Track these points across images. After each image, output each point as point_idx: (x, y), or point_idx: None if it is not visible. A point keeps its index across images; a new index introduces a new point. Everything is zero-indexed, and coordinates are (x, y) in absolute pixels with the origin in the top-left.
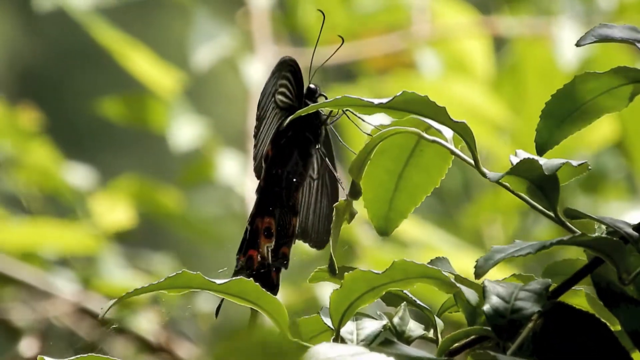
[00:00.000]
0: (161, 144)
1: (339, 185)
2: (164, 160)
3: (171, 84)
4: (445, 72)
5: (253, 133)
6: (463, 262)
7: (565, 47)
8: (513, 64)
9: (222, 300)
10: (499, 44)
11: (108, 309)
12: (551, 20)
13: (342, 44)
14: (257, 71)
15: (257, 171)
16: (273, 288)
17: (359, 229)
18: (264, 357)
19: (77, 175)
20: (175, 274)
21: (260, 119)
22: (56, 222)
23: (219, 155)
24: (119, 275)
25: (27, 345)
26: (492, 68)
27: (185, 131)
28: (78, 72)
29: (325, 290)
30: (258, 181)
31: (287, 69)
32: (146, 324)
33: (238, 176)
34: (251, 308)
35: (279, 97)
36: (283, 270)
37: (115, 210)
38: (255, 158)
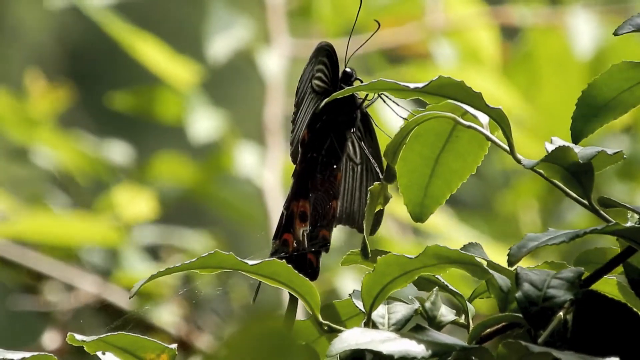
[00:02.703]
0: (178, 137)
1: (378, 170)
2: (184, 152)
3: (188, 77)
4: (459, 62)
5: (291, 119)
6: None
7: (581, 37)
8: (526, 54)
9: (260, 284)
10: (513, 33)
11: (138, 289)
12: (565, 10)
13: (378, 29)
14: (273, 63)
15: (294, 156)
16: (312, 272)
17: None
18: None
19: (114, 154)
20: (207, 254)
21: (298, 104)
22: (79, 213)
23: (236, 148)
24: (142, 267)
25: (50, 339)
26: (507, 58)
27: (203, 124)
28: (120, 56)
29: (346, 282)
30: (294, 165)
31: (323, 54)
32: (168, 316)
33: (256, 168)
34: (289, 297)
35: (315, 81)
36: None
37: (138, 201)
38: (292, 143)
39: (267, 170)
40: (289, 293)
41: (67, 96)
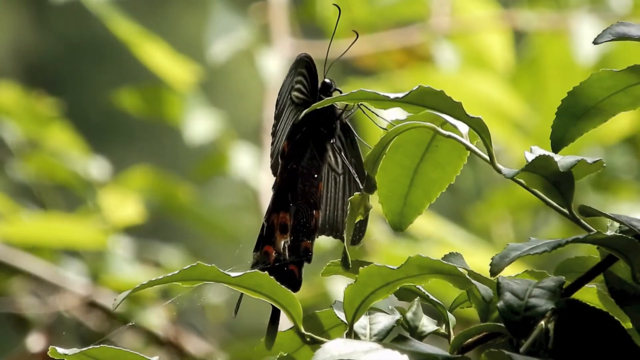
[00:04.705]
0: (175, 138)
1: (358, 179)
2: (178, 153)
3: (187, 77)
4: (464, 65)
5: (271, 131)
6: (476, 259)
7: (584, 43)
8: (532, 59)
9: (241, 297)
10: (518, 38)
11: (121, 301)
12: (570, 15)
13: (356, 39)
14: (273, 64)
15: (274, 168)
16: (295, 284)
17: (372, 224)
18: None
19: (91, 167)
20: (189, 266)
21: (277, 116)
22: (66, 216)
23: (233, 149)
24: (128, 270)
25: (35, 341)
26: (511, 62)
27: (200, 124)
28: (87, 66)
29: (338, 286)
30: (274, 177)
31: (302, 66)
32: (155, 319)
33: (252, 170)
34: (272, 309)
35: (295, 93)
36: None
37: (125, 205)
38: (272, 155)
39: (263, 172)
40: (272, 305)
41: (50, 107)
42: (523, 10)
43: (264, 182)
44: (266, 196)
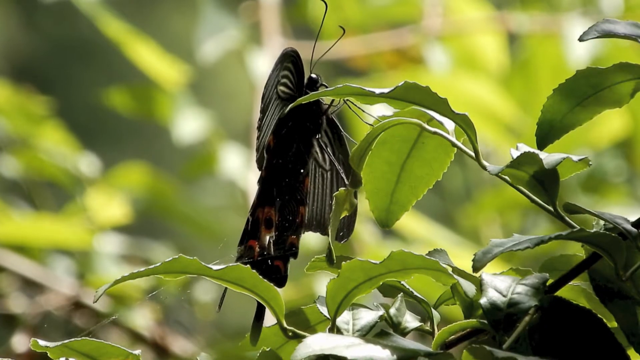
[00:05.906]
0: (164, 137)
1: (344, 175)
2: (167, 153)
3: (176, 77)
4: (456, 67)
5: (257, 125)
6: (464, 261)
7: (575, 44)
8: (524, 61)
9: (225, 293)
10: (510, 40)
11: (102, 293)
12: (562, 17)
13: (342, 35)
14: (264, 64)
15: (260, 162)
16: (280, 279)
17: (359, 224)
18: None
19: (80, 164)
20: (171, 258)
21: (263, 111)
22: (53, 215)
23: (222, 149)
24: (114, 269)
25: (20, 341)
26: (503, 64)
27: (189, 124)
28: (76, 65)
29: (325, 286)
30: (260, 172)
31: (288, 60)
32: (141, 319)
33: (241, 170)
34: (256, 313)
35: (281, 87)
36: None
37: (111, 205)
38: (257, 149)
39: (251, 172)
40: (257, 300)
41: (40, 105)
42: (515, 13)
43: (252, 182)
44: (254, 195)
